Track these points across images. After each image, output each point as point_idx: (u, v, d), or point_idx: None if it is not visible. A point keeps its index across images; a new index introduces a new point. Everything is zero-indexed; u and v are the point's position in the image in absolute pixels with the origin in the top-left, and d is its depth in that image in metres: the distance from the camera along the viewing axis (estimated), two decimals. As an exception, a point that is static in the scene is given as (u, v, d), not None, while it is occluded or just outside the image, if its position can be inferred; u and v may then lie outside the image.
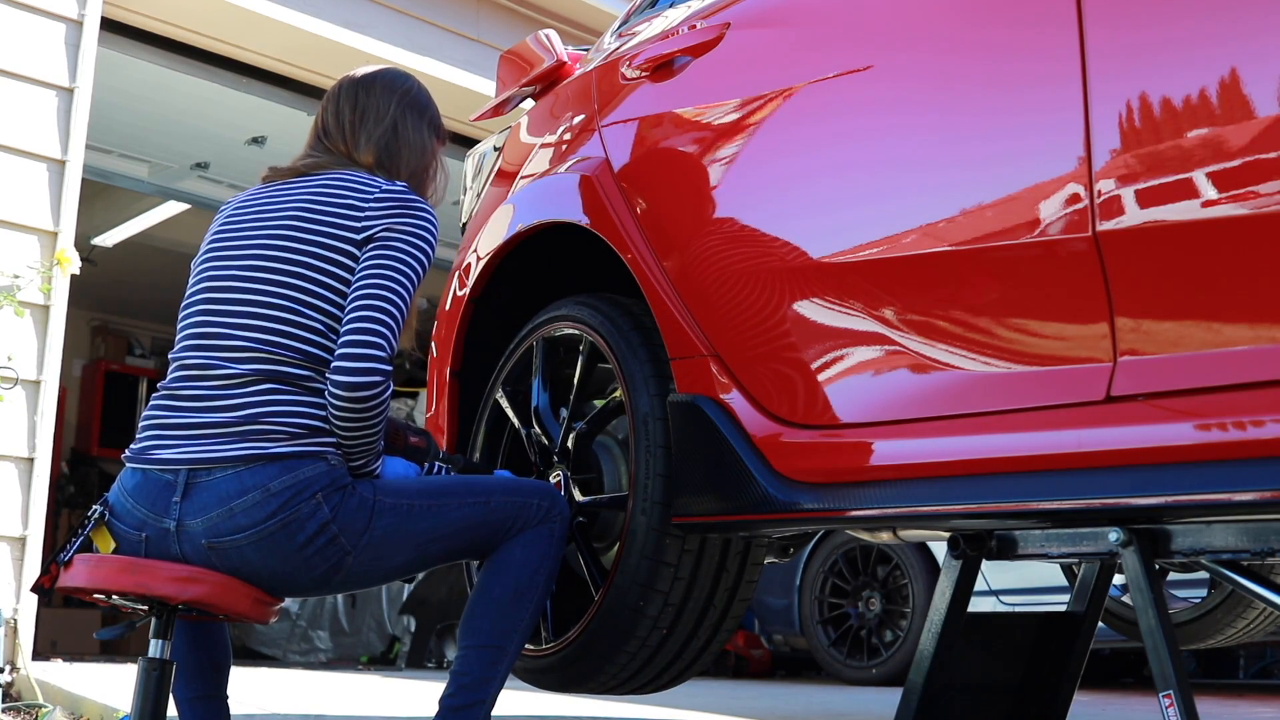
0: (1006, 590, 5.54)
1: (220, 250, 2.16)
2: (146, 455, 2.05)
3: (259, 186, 2.24)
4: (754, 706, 4.40)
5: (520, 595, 2.13)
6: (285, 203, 2.15)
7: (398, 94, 2.28)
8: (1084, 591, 2.42)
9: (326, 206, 2.12)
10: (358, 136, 2.23)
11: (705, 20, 2.43)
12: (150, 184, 6.98)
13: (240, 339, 2.05)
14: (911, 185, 1.98)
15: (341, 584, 2.08)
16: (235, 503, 1.97)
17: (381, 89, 2.28)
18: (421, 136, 2.29)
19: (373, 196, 2.12)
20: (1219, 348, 1.61)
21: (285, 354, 2.04)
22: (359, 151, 2.23)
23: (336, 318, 2.07)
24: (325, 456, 2.03)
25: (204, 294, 2.13)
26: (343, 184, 2.15)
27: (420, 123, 2.29)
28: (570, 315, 2.57)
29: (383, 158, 2.23)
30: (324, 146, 2.25)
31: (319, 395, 2.05)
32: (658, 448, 2.29)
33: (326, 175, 2.18)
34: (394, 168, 2.23)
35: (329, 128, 2.26)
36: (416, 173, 2.26)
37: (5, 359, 3.94)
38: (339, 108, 2.26)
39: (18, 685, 3.77)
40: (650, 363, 2.36)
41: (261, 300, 2.07)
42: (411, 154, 2.26)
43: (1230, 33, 1.62)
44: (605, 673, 2.41)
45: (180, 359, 2.10)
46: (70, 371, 9.18)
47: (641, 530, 2.28)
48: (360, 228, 2.10)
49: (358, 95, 2.27)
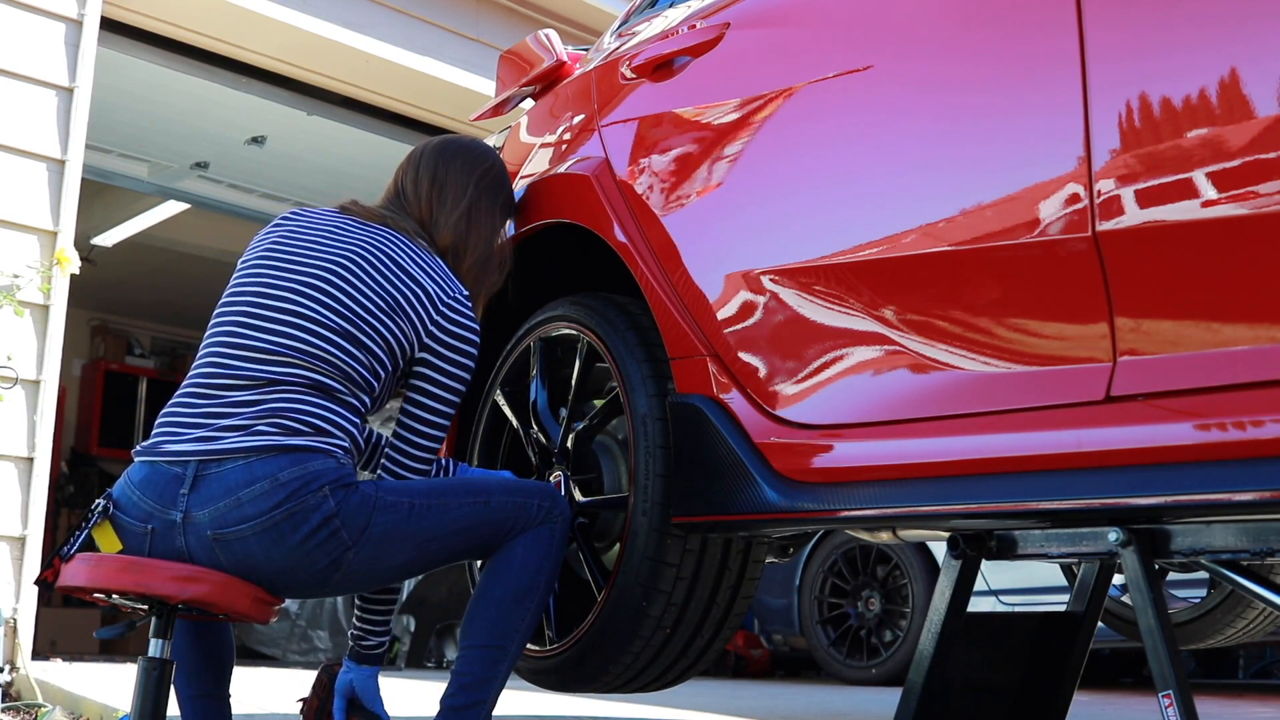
0: (1006, 590, 5.54)
1: (278, 258, 2.17)
2: (157, 449, 2.05)
3: (332, 210, 2.29)
4: (753, 706, 4.40)
5: (521, 596, 2.13)
6: (364, 237, 2.21)
7: (477, 174, 2.36)
8: (1083, 591, 2.42)
9: (406, 274, 2.19)
10: (435, 214, 2.32)
11: (705, 20, 2.43)
12: (150, 184, 6.98)
13: (281, 348, 2.07)
14: (911, 185, 1.98)
15: (342, 582, 2.07)
16: (243, 492, 1.98)
17: (462, 166, 2.36)
18: (494, 220, 2.39)
19: (444, 304, 2.20)
20: (1219, 348, 1.61)
21: (323, 367, 2.08)
22: (436, 231, 2.31)
23: (378, 358, 2.14)
24: (334, 454, 2.04)
25: (251, 298, 2.13)
26: (424, 268, 2.22)
27: (494, 205, 2.39)
28: (567, 315, 2.57)
29: (456, 243, 2.32)
30: (401, 207, 2.32)
31: (343, 406, 2.09)
32: (657, 448, 2.29)
33: (409, 241, 2.24)
34: (462, 252, 2.32)
35: (407, 193, 2.34)
36: (483, 257, 2.35)
37: (5, 358, 3.94)
38: (418, 175, 2.35)
39: (17, 685, 3.77)
40: (648, 363, 2.36)
41: (313, 318, 2.10)
42: (480, 240, 2.35)
43: (1230, 33, 1.62)
44: (609, 672, 2.42)
45: (214, 358, 2.10)
46: (70, 371, 9.19)
47: (643, 531, 2.28)
48: (424, 330, 2.19)
49: (436, 168, 2.35)
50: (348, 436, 2.08)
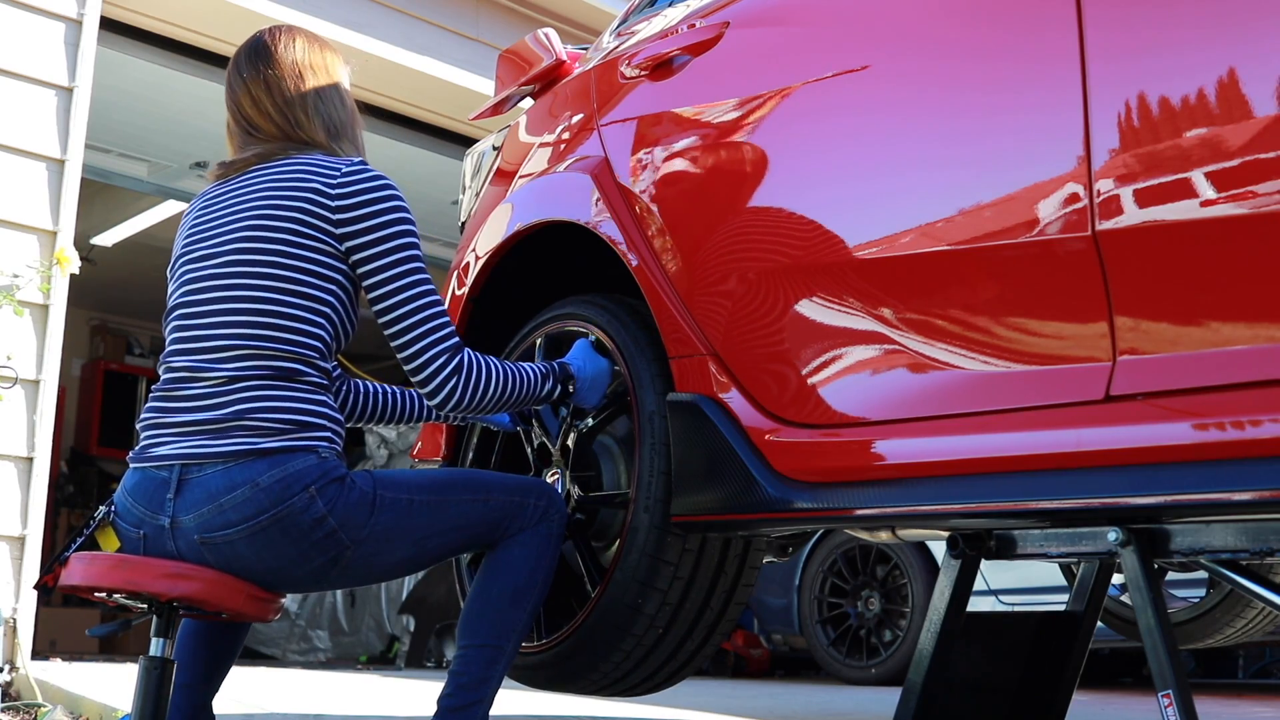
0: (1005, 590, 5.54)
1: (192, 254, 2.14)
2: (145, 454, 2.05)
3: (214, 184, 2.21)
4: (753, 706, 4.40)
5: (518, 595, 2.13)
6: (249, 195, 2.12)
7: (288, 59, 2.19)
8: (1083, 591, 2.42)
9: (292, 193, 2.09)
10: (289, 119, 2.18)
11: (704, 19, 2.43)
12: (149, 183, 6.97)
13: (224, 339, 2.04)
14: (911, 185, 1.98)
15: (339, 579, 2.07)
16: (225, 499, 1.97)
17: (273, 62, 2.19)
18: (332, 79, 2.23)
19: (337, 184, 2.08)
20: (1218, 347, 1.61)
21: (271, 347, 2.03)
22: (301, 131, 2.18)
23: (319, 299, 2.06)
24: (316, 450, 2.02)
25: (182, 299, 2.12)
26: (302, 172, 2.11)
27: (321, 66, 2.22)
28: (576, 314, 2.57)
29: (325, 126, 2.19)
30: (258, 139, 2.19)
31: (310, 388, 2.05)
32: (661, 445, 2.29)
33: (282, 163, 2.14)
34: (335, 128, 2.20)
35: (254, 122, 2.19)
36: (349, 119, 2.23)
37: (5, 358, 3.94)
38: (252, 99, 2.18)
39: (17, 684, 3.77)
40: (656, 361, 2.37)
41: (240, 296, 2.05)
42: (335, 106, 2.21)
43: (1230, 33, 1.62)
44: (598, 671, 2.41)
45: (168, 363, 2.10)
46: (69, 371, 9.18)
47: (644, 527, 2.28)
48: (333, 221, 2.07)
49: (256, 82, 2.18)
50: (327, 421, 2.05)
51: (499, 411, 2.22)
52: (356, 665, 7.38)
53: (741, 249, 2.22)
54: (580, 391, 2.38)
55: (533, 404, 2.29)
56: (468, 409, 2.15)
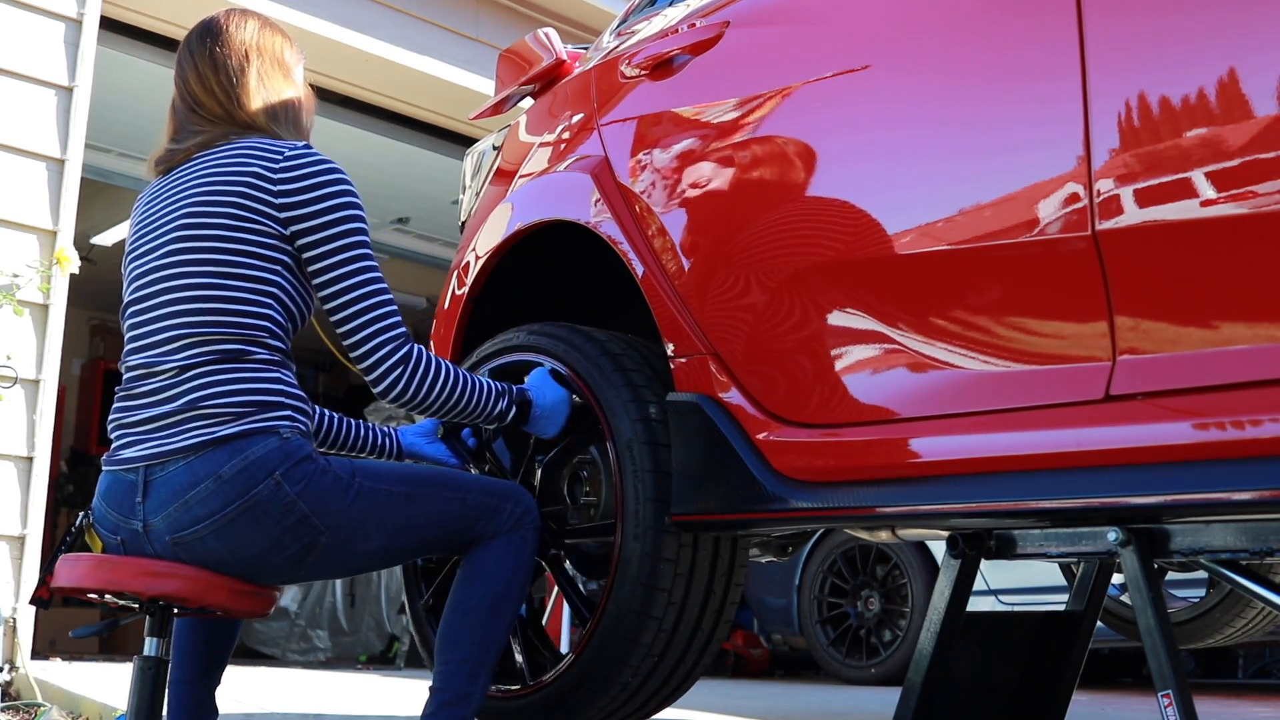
0: (1005, 590, 5.54)
1: (137, 250, 2.13)
2: (114, 456, 2.05)
3: (157, 180, 2.20)
4: (753, 706, 4.40)
5: (497, 605, 2.11)
6: (188, 184, 2.10)
7: (236, 39, 2.18)
8: (1083, 591, 2.42)
9: (232, 177, 2.06)
10: (232, 101, 2.16)
11: (704, 19, 2.43)
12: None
13: (171, 330, 2.02)
14: (910, 184, 1.98)
15: (315, 566, 2.04)
16: (189, 495, 1.95)
17: (221, 42, 2.17)
18: (279, 63, 2.21)
19: (279, 169, 2.06)
20: (1218, 347, 1.61)
21: (216, 332, 2.00)
22: (243, 112, 2.16)
23: (262, 279, 2.03)
24: (277, 430, 1.98)
25: (132, 296, 2.11)
26: (243, 157, 2.09)
27: (270, 47, 2.20)
28: (527, 344, 2.48)
29: (265, 110, 2.17)
30: (202, 119, 2.18)
31: (261, 366, 2.01)
32: (646, 472, 2.24)
33: (223, 149, 2.12)
34: (277, 113, 2.18)
35: (200, 101, 2.17)
36: (295, 104, 2.20)
37: (4, 358, 3.94)
38: (201, 78, 2.17)
39: (16, 684, 3.77)
40: (627, 388, 2.31)
41: (182, 285, 2.03)
42: (277, 87, 2.19)
43: (1230, 32, 1.62)
44: (594, 708, 2.33)
45: (126, 362, 2.09)
46: (69, 370, 9.18)
47: (635, 557, 2.23)
48: (276, 205, 2.04)
49: (203, 63, 2.18)
50: (285, 398, 2.02)
51: (450, 417, 2.18)
52: (356, 665, 7.38)
53: (741, 248, 2.22)
54: (538, 419, 2.31)
55: (485, 422, 2.23)
56: (416, 405, 2.11)
